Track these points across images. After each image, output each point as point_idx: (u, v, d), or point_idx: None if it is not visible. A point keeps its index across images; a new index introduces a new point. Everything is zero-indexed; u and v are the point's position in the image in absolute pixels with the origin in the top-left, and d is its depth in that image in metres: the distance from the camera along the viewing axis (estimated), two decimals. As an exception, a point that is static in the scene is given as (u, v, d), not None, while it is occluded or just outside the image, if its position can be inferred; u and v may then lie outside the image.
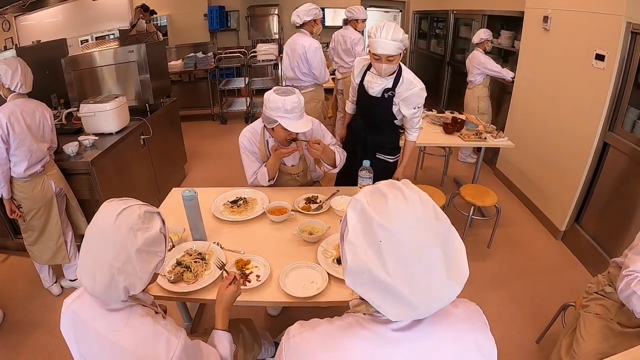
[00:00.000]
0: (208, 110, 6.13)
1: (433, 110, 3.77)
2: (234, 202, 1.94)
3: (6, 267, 2.85)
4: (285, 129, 1.81)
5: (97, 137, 2.67)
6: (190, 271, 1.48)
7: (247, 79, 5.80)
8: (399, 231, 0.65)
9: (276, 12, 6.98)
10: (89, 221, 0.98)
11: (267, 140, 2.05)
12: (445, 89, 5.64)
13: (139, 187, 3.15)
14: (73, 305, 1.00)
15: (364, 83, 2.20)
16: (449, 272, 0.66)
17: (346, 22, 4.14)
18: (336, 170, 2.13)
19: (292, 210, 1.86)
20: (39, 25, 6.41)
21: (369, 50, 2.01)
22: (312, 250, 1.60)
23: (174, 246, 1.23)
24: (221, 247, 1.64)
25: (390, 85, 2.10)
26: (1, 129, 2.01)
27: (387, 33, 1.86)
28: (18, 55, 2.76)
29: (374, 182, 2.15)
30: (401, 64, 2.10)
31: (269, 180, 2.03)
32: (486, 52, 3.92)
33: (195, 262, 1.52)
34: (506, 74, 3.80)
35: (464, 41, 5.30)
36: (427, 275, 0.65)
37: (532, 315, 2.30)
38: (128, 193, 2.92)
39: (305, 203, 1.95)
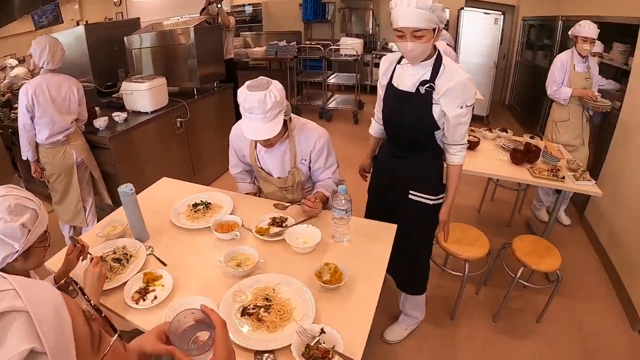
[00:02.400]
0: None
1: (508, 131, 3.02)
2: (195, 205, 1.78)
3: (49, 217, 3.19)
4: None
5: (127, 114, 2.77)
6: (110, 269, 1.39)
7: (325, 72, 5.65)
8: None
9: (371, 7, 6.61)
10: (111, 193, 1.02)
11: (256, 142, 1.84)
12: (546, 111, 4.65)
13: (168, 168, 3.04)
14: None
15: (392, 81, 1.67)
16: None
17: None
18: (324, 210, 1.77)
19: (245, 228, 1.61)
20: (146, 3, 7.17)
21: (393, 29, 1.50)
22: (232, 284, 1.31)
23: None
24: (152, 252, 1.50)
25: (427, 77, 1.55)
26: (27, 99, 2.25)
27: (410, 0, 1.38)
28: (86, 32, 3.04)
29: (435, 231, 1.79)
30: (440, 51, 1.57)
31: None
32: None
33: (114, 261, 1.42)
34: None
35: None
36: None
37: None
38: (151, 172, 2.90)
39: (269, 224, 1.64)
